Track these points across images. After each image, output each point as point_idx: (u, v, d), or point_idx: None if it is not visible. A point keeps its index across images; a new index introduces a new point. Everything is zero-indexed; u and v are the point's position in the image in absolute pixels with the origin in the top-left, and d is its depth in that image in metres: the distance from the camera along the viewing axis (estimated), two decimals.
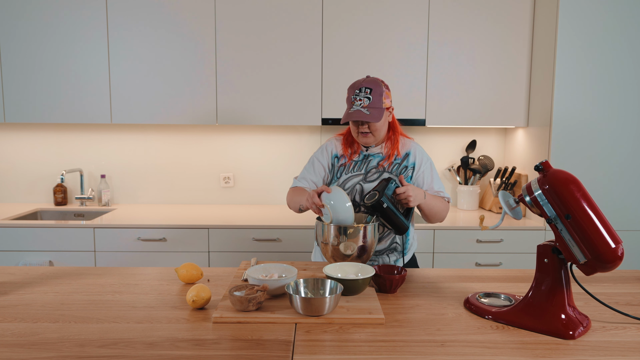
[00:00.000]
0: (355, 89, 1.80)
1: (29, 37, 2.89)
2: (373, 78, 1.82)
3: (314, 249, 2.03)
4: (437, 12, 2.89)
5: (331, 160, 1.93)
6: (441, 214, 1.89)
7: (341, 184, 1.88)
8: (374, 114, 1.76)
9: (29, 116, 2.94)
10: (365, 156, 1.90)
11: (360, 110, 1.76)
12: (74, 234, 2.72)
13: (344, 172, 1.89)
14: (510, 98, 2.96)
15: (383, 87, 1.80)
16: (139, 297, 1.49)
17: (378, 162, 1.88)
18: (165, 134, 3.30)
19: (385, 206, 1.67)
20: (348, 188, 1.87)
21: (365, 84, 1.79)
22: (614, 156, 2.73)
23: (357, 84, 1.81)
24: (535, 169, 1.29)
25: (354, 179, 1.87)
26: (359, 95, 1.78)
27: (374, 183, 1.85)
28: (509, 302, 1.41)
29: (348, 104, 1.82)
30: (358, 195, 1.86)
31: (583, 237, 1.21)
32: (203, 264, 2.76)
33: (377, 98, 1.78)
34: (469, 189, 3.17)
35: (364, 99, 1.77)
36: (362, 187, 1.86)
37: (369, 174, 1.87)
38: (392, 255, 1.90)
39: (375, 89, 1.78)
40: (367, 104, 1.77)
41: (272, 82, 2.93)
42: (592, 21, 2.65)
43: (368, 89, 1.78)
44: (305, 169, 1.97)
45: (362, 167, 1.88)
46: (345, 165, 1.90)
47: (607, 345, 1.20)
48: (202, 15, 2.88)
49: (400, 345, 1.19)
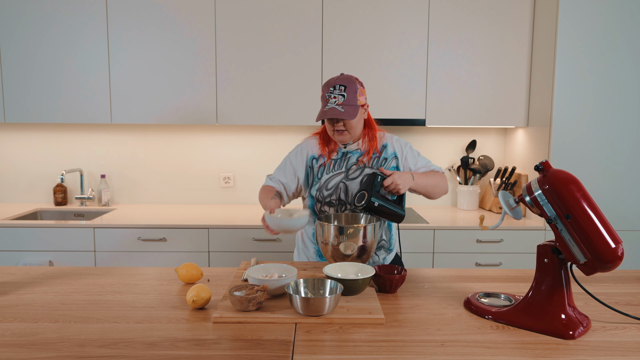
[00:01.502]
0: (329, 87, 1.79)
1: (29, 37, 2.90)
2: (347, 75, 1.81)
3: (296, 248, 2.03)
4: (437, 12, 2.89)
5: (308, 163, 1.92)
6: (439, 186, 1.87)
7: (323, 184, 1.88)
8: (348, 111, 1.76)
9: (29, 116, 2.95)
10: (344, 153, 1.90)
11: (335, 108, 1.75)
12: (74, 234, 2.72)
13: (324, 172, 1.89)
14: (510, 98, 2.96)
15: (357, 84, 1.80)
16: (139, 297, 1.49)
17: (357, 159, 1.88)
18: (165, 134, 3.30)
19: (377, 204, 1.67)
20: (331, 187, 1.86)
21: (339, 81, 1.79)
22: (614, 156, 2.73)
23: (331, 81, 1.80)
24: (535, 169, 1.29)
25: (336, 178, 1.87)
26: (334, 93, 1.77)
27: (356, 180, 1.85)
28: (509, 302, 1.41)
29: (322, 102, 1.82)
30: (342, 193, 1.86)
31: (583, 237, 1.21)
32: (203, 264, 2.76)
33: (351, 95, 1.77)
34: (469, 189, 3.17)
35: (338, 97, 1.76)
36: (345, 185, 1.86)
37: (350, 171, 1.87)
38: (380, 252, 1.91)
39: (350, 87, 1.77)
40: (341, 101, 1.76)
41: (272, 82, 2.93)
42: (592, 21, 2.65)
43: (342, 86, 1.77)
44: (277, 168, 1.97)
45: (342, 165, 1.88)
46: (325, 164, 1.89)
47: (607, 345, 1.20)
48: (202, 15, 2.88)
49: (400, 345, 1.19)
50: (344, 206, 1.87)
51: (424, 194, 1.86)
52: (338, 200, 1.86)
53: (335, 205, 1.87)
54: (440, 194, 1.90)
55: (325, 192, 1.87)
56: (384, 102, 2.94)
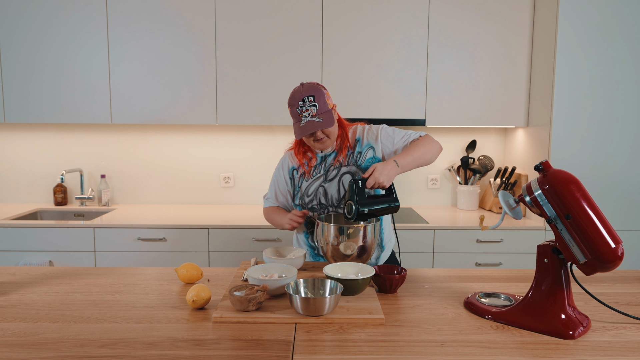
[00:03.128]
0: (298, 101, 1.74)
1: (29, 37, 2.89)
2: (309, 84, 1.77)
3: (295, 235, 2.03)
4: (437, 12, 2.89)
5: (289, 175, 1.94)
6: (428, 153, 1.78)
7: (304, 192, 1.89)
8: (326, 119, 1.73)
9: (29, 116, 2.95)
10: (322, 158, 1.90)
11: (312, 120, 1.73)
12: (74, 234, 2.72)
13: (304, 180, 1.90)
14: (510, 98, 2.96)
15: (322, 89, 1.78)
16: (139, 297, 1.49)
17: (334, 158, 1.88)
18: (165, 134, 3.30)
19: (367, 211, 1.63)
20: (311, 194, 1.87)
21: (306, 92, 1.74)
22: (613, 156, 2.73)
23: (297, 95, 1.75)
24: (535, 169, 1.29)
25: (315, 183, 1.88)
26: (305, 106, 1.73)
27: (335, 180, 1.85)
28: (509, 302, 1.41)
29: (294, 117, 1.77)
30: (322, 197, 1.86)
31: (583, 237, 1.21)
32: (203, 264, 2.76)
33: (322, 102, 1.74)
34: (469, 189, 3.17)
35: (310, 108, 1.73)
36: (324, 189, 1.86)
37: (329, 172, 1.87)
38: None
39: (317, 95, 1.74)
40: (315, 112, 1.73)
41: (272, 82, 2.93)
42: (592, 21, 2.65)
43: (311, 96, 1.73)
44: (269, 190, 2.02)
45: (321, 169, 1.88)
46: (303, 174, 1.90)
47: (607, 345, 1.20)
48: (202, 16, 2.88)
49: (400, 345, 1.19)
50: (325, 209, 1.86)
51: (418, 166, 1.79)
52: (319, 204, 1.87)
53: (317, 209, 1.88)
54: (434, 157, 1.81)
55: (307, 198, 1.88)
56: (384, 102, 2.94)
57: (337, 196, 1.85)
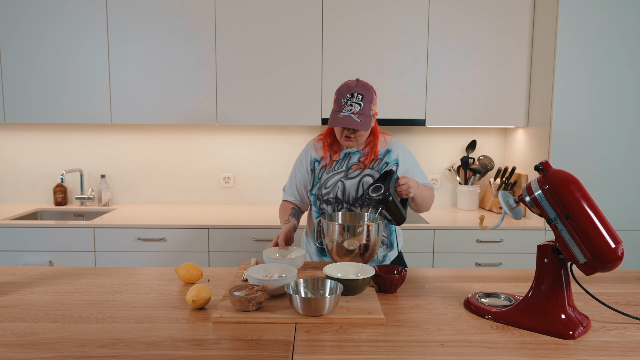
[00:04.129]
0: (346, 93, 1.76)
1: (29, 37, 2.90)
2: (364, 83, 1.79)
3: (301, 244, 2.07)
4: (437, 12, 2.89)
5: (310, 166, 1.94)
6: (429, 202, 1.92)
7: (322, 183, 1.89)
8: (364, 121, 1.74)
9: (29, 116, 2.95)
10: (346, 154, 1.91)
11: (351, 116, 1.74)
12: (74, 234, 2.72)
13: (325, 172, 1.90)
14: (510, 98, 2.96)
15: (373, 93, 1.80)
16: (139, 297, 1.49)
17: (359, 159, 1.89)
18: (166, 134, 3.30)
19: (391, 199, 1.68)
20: (329, 186, 1.88)
21: (358, 89, 1.76)
22: (613, 156, 2.73)
23: (349, 87, 1.77)
24: (535, 169, 1.29)
25: (335, 177, 1.89)
26: (351, 101, 1.74)
27: (355, 180, 1.86)
28: (509, 302, 1.41)
29: (336, 105, 1.78)
30: (340, 192, 1.87)
31: (583, 237, 1.21)
32: (203, 264, 2.76)
33: (367, 105, 1.76)
34: (469, 189, 3.17)
35: (354, 105, 1.74)
36: (343, 185, 1.87)
37: (350, 171, 1.88)
38: (380, 249, 1.91)
39: (367, 96, 1.76)
40: (357, 110, 1.74)
41: (272, 82, 2.93)
42: (591, 22, 2.65)
43: (360, 95, 1.75)
44: (288, 181, 2.03)
45: (343, 165, 1.89)
46: (325, 166, 1.91)
47: (607, 345, 1.20)
48: (202, 15, 2.88)
49: (400, 345, 1.19)
50: (340, 204, 1.88)
51: (417, 204, 1.89)
52: (335, 198, 1.88)
53: (333, 203, 1.89)
54: (426, 210, 1.95)
55: (324, 190, 1.89)
56: (384, 102, 2.94)
57: (354, 195, 1.87)
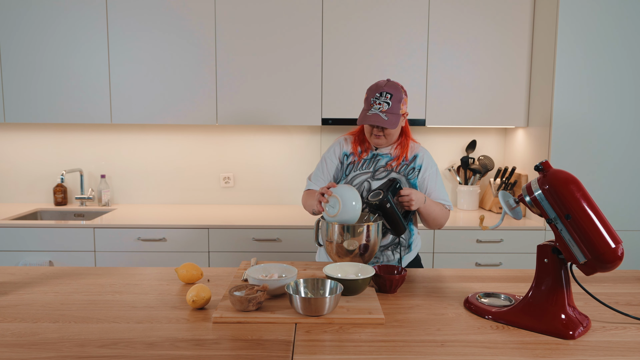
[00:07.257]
0: (376, 92, 1.81)
1: (29, 37, 2.89)
2: (394, 83, 1.83)
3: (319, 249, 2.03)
4: (437, 12, 2.89)
5: (341, 158, 1.96)
6: (440, 220, 1.90)
7: (349, 180, 1.91)
8: (391, 119, 1.78)
9: (29, 116, 2.95)
10: (374, 155, 1.92)
11: (379, 115, 1.78)
12: (74, 234, 2.72)
13: (352, 170, 1.92)
14: (510, 98, 2.96)
15: (403, 93, 1.83)
16: (139, 297, 1.49)
17: (387, 162, 1.90)
18: (165, 134, 3.30)
19: (389, 206, 1.69)
20: (356, 185, 1.89)
21: (387, 88, 1.81)
22: (613, 156, 2.73)
23: (379, 87, 1.82)
24: (535, 169, 1.29)
25: (362, 176, 1.90)
26: (380, 99, 1.79)
27: (382, 181, 1.87)
28: (509, 302, 1.41)
29: (366, 104, 1.84)
30: (365, 192, 1.88)
31: (583, 237, 1.21)
32: (203, 264, 2.76)
33: (396, 104, 1.80)
34: (469, 189, 3.17)
35: (383, 104, 1.79)
36: (369, 185, 1.88)
37: (377, 172, 1.89)
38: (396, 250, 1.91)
39: (396, 95, 1.80)
40: (386, 109, 1.78)
41: (272, 82, 2.93)
42: (591, 22, 2.65)
43: (389, 94, 1.79)
44: (316, 170, 2.01)
45: (371, 166, 1.91)
46: (354, 163, 1.93)
47: (607, 345, 1.20)
48: (202, 15, 2.88)
49: (400, 345, 1.19)
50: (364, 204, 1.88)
51: (424, 219, 1.88)
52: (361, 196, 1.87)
53: None
54: (436, 228, 1.94)
55: None
56: None
57: None
